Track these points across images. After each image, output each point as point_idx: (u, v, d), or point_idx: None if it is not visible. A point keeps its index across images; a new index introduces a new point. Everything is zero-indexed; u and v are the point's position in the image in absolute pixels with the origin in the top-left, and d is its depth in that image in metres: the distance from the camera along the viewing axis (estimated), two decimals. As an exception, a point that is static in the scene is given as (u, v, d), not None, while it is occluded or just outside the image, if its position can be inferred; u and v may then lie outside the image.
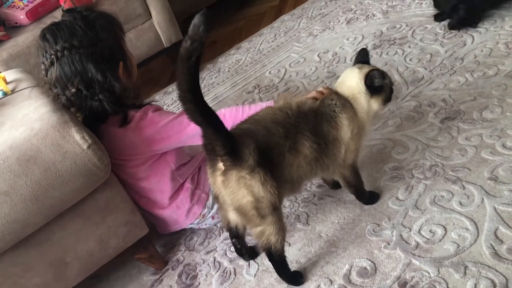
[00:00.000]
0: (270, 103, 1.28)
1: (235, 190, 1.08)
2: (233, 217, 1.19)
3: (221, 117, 1.02)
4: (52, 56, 1.25)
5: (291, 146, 1.12)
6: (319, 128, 1.17)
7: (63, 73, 1.26)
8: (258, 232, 1.14)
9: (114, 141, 1.31)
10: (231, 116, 1.31)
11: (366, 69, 1.23)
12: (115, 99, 1.29)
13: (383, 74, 1.21)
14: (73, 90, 1.26)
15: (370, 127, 1.38)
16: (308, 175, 1.20)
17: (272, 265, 1.23)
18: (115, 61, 1.32)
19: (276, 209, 1.12)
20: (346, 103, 1.22)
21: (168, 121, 1.31)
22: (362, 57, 1.31)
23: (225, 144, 1.02)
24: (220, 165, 1.07)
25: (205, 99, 0.98)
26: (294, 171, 1.15)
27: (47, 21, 1.32)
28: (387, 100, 1.27)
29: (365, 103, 1.23)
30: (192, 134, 1.28)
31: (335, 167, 1.25)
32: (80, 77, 1.25)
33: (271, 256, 1.20)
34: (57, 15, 2.04)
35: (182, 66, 0.90)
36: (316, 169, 1.19)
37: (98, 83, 1.27)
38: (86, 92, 1.27)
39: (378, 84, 1.21)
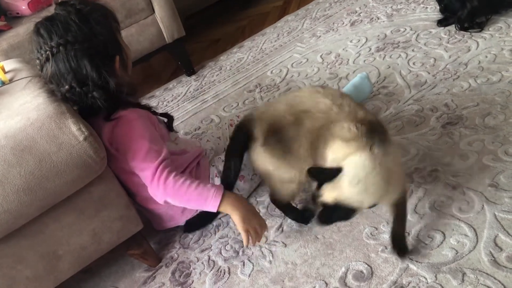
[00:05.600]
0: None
1: None
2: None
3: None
4: (48, 52, 1.22)
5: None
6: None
7: (57, 69, 1.23)
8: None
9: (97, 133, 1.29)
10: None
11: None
12: (109, 95, 1.27)
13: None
14: (67, 87, 1.23)
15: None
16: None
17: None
18: (111, 56, 1.29)
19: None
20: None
21: (137, 138, 1.27)
22: None
23: None
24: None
25: (206, 97, 0.96)
26: None
27: (49, 12, 1.28)
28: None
29: None
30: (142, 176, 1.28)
31: None
32: (73, 74, 1.22)
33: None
34: (59, 7, 2.02)
35: None
36: None
37: (92, 80, 1.23)
38: (79, 90, 1.24)
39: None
